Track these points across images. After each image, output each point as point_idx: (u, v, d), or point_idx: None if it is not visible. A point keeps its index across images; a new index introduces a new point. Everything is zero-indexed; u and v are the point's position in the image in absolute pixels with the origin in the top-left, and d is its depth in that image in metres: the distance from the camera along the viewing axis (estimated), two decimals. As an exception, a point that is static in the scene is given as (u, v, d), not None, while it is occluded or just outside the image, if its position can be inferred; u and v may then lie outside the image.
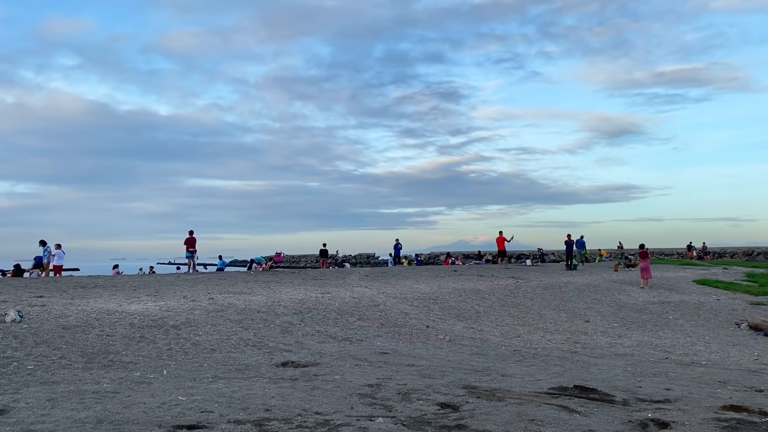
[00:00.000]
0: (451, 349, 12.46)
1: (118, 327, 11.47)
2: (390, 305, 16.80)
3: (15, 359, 9.08)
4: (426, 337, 13.71)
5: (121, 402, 6.66)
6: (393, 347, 12.23)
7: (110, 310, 12.94)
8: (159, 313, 13.04)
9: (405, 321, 15.11)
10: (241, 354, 10.67)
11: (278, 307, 14.90)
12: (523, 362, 11.09)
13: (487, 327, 15.60)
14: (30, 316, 11.60)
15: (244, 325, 12.84)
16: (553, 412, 6.30)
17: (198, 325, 12.35)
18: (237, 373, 9.00)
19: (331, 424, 5.73)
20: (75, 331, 10.92)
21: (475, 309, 17.63)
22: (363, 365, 9.85)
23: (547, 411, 6.35)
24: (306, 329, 13.17)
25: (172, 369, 9.19)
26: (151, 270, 34.50)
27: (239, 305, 14.72)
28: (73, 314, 12.18)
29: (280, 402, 6.69)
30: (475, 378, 8.63)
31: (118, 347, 10.28)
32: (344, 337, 12.87)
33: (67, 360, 9.32)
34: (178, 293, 16.20)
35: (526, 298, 20.20)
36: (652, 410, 6.52)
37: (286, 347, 11.45)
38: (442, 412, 6.42)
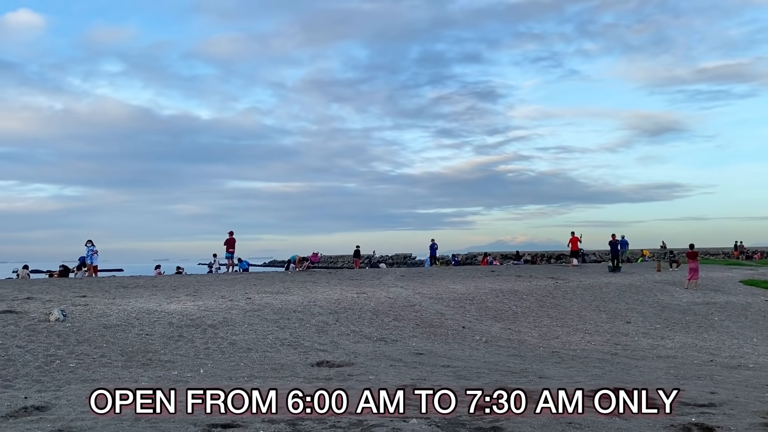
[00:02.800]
0: (488, 351, 12.31)
1: (157, 326, 11.65)
2: (426, 306, 16.71)
3: (58, 357, 9.30)
4: (462, 338, 13.58)
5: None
6: (428, 348, 12.14)
7: (150, 309, 13.17)
8: (197, 312, 13.21)
9: (441, 321, 14.99)
10: (276, 353, 10.73)
11: (314, 307, 14.96)
12: (562, 364, 10.88)
13: (525, 328, 15.37)
14: (73, 316, 11.88)
15: (281, 324, 12.91)
16: (592, 415, 6.14)
17: (235, 324, 12.47)
18: (272, 372, 9.04)
19: (365, 425, 5.69)
20: (116, 330, 11.14)
21: (513, 310, 17.40)
22: (398, 366, 9.79)
23: (585, 414, 6.19)
24: (341, 329, 13.18)
25: (208, 368, 9.29)
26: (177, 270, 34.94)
27: (276, 305, 14.82)
28: (115, 314, 12.44)
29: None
30: (511, 380, 8.49)
31: (157, 346, 10.44)
32: (379, 338, 12.83)
33: (108, 358, 9.50)
34: (216, 293, 16.40)
35: (565, 299, 19.86)
36: (695, 414, 6.30)
37: (321, 347, 11.47)
38: (477, 414, 6.31)
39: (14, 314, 11.69)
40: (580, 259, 35.41)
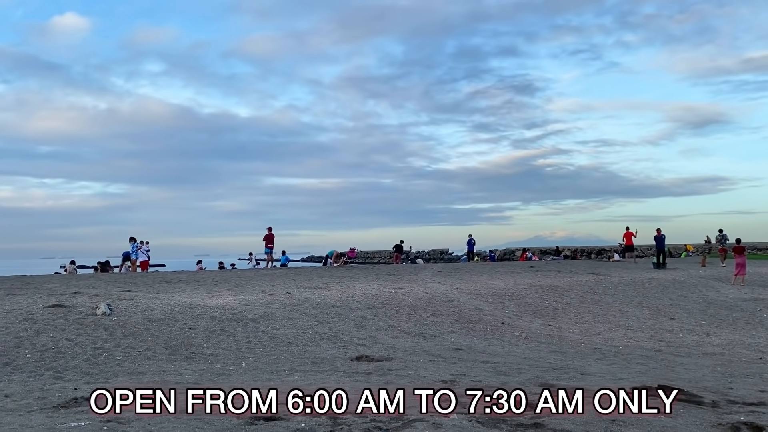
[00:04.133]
0: (528, 347, 12.19)
1: (200, 320, 11.88)
2: (464, 301, 16.64)
3: (105, 350, 9.56)
4: (501, 333, 13.48)
5: (202, 392, 6.87)
6: (467, 343, 12.09)
7: (193, 304, 13.43)
8: (238, 306, 13.42)
9: (479, 317, 14.91)
10: (316, 347, 10.83)
11: (352, 302, 15.04)
12: (604, 360, 10.71)
13: (566, 324, 15.17)
14: (119, 310, 12.19)
15: (320, 319, 13.02)
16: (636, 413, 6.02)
17: (275, 318, 12.62)
18: (312, 366, 9.13)
19: (405, 419, 5.70)
20: (160, 324, 11.39)
21: (553, 306, 17.19)
22: (437, 361, 9.78)
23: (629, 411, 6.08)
24: (379, 324, 13.22)
25: (250, 361, 9.43)
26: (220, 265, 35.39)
27: (315, 300, 14.95)
28: (158, 308, 12.71)
29: (354, 396, 6.72)
30: (552, 376, 8.39)
31: (200, 340, 10.64)
32: (417, 333, 12.83)
33: (153, 351, 9.73)
34: (257, 288, 16.62)
35: (606, 295, 19.53)
36: (744, 413, 6.13)
37: (360, 341, 11.53)
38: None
39: (63, 308, 12.05)
40: (633, 254, 34.80)
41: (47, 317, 11.17)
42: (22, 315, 11.22)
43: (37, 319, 10.96)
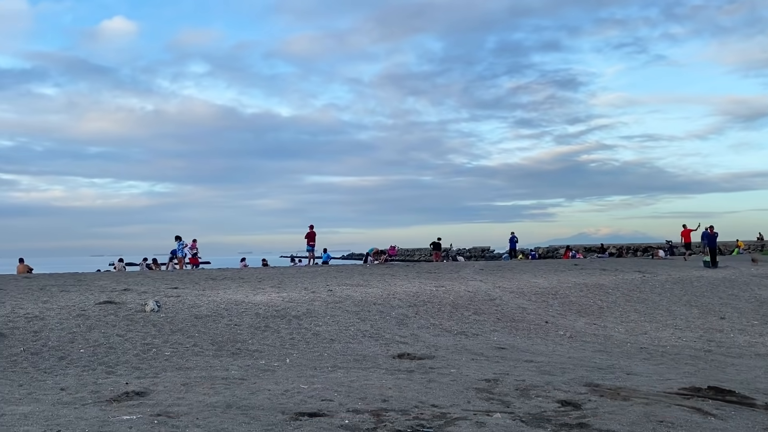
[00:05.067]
0: (572, 346, 12.02)
1: (245, 317, 12.09)
2: (506, 300, 16.50)
3: (154, 346, 9.82)
4: (545, 332, 13.33)
5: (248, 388, 7.01)
6: (510, 342, 11.99)
7: (238, 300, 13.67)
8: (282, 304, 13.60)
9: (522, 316, 14.77)
10: (358, 345, 10.90)
11: (393, 300, 15.08)
12: (651, 360, 10.50)
13: (611, 323, 14.91)
14: (166, 306, 12.49)
15: (361, 316, 13.10)
16: (685, 414, 5.90)
17: (318, 315, 12.76)
18: (355, 363, 9.20)
19: (448, 418, 5.71)
20: (206, 320, 11.64)
21: (598, 304, 16.91)
22: (479, 360, 9.74)
23: (677, 412, 5.96)
24: (421, 322, 13.22)
25: (294, 358, 9.56)
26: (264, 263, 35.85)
27: (356, 297, 15.04)
28: (205, 304, 12.99)
29: (397, 393, 6.76)
30: (597, 376, 8.27)
31: (245, 336, 10.83)
32: (459, 331, 12.79)
33: (199, 347, 9.95)
34: (299, 285, 16.82)
35: (653, 293, 19.10)
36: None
37: (401, 339, 11.56)
38: (563, 409, 6.20)
39: (113, 305, 12.42)
40: (690, 252, 33.93)
41: (99, 313, 11.54)
42: (75, 311, 11.61)
43: (90, 316, 11.33)
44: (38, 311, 11.33)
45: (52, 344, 9.44)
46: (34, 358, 8.74)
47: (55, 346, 9.39)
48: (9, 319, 10.55)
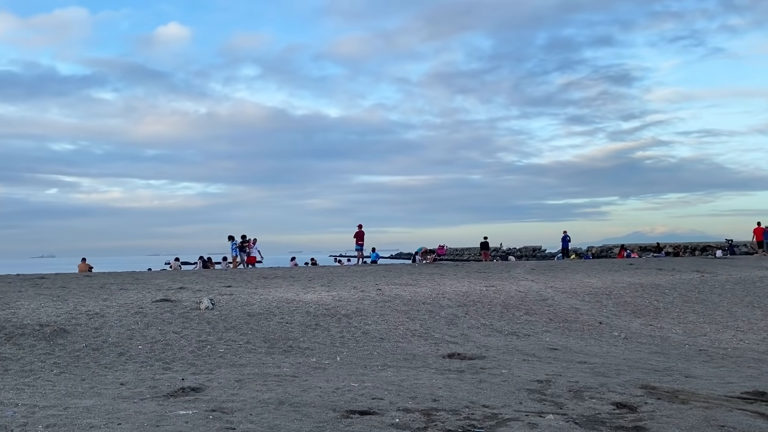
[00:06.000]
0: (627, 347, 11.73)
1: (295, 315, 12.24)
2: (559, 300, 16.22)
3: (208, 343, 10.05)
4: (599, 333, 13.05)
5: (300, 385, 7.10)
6: (563, 343, 11.78)
7: (289, 299, 13.86)
8: (332, 302, 13.72)
9: (575, 316, 14.49)
10: (408, 344, 10.90)
11: (443, 299, 15.01)
12: (710, 363, 10.14)
13: (668, 324, 14.47)
14: (220, 304, 12.77)
15: (411, 316, 13.09)
16: (748, 419, 5.68)
17: (367, 314, 12.81)
18: (405, 362, 9.20)
19: (500, 418, 5.65)
20: (258, 318, 11.84)
21: (654, 305, 16.44)
22: (531, 360, 9.60)
23: (739, 417, 5.74)
24: (471, 322, 13.13)
25: (344, 356, 9.63)
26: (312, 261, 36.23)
27: (405, 296, 15.04)
28: (257, 303, 13.21)
29: (447, 393, 6.73)
30: (654, 378, 8.04)
31: (296, 334, 10.97)
32: (510, 331, 12.64)
33: (252, 345, 10.12)
34: (349, 284, 16.93)
35: (713, 294, 18.44)
36: None
37: (451, 339, 11.50)
38: (618, 412, 6.06)
39: (170, 303, 12.76)
40: (763, 251, 32.71)
41: (155, 311, 11.88)
42: (134, 309, 11.98)
43: (147, 313, 11.67)
44: (99, 309, 11.75)
45: (112, 340, 9.77)
46: (96, 354, 9.06)
47: (115, 342, 9.71)
48: (72, 316, 10.96)
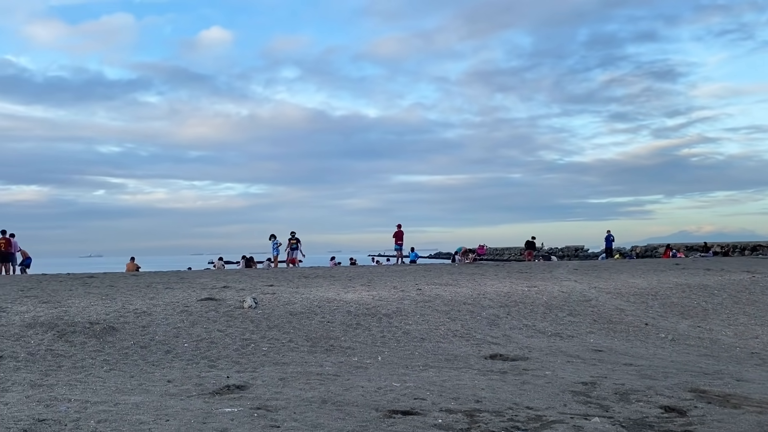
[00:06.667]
0: (675, 349, 11.45)
1: (337, 314, 12.32)
2: (603, 300, 15.93)
3: (252, 341, 10.19)
4: (645, 335, 12.77)
5: (342, 384, 7.14)
6: (607, 345, 11.57)
7: (330, 298, 13.96)
8: (372, 302, 13.76)
9: (620, 317, 14.21)
10: (449, 344, 10.86)
11: (484, 300, 14.90)
12: (763, 366, 9.82)
13: (717, 326, 14.07)
14: (263, 303, 12.94)
15: (451, 316, 13.04)
16: (805, 426, 5.48)
17: (408, 314, 12.81)
18: (446, 363, 9.16)
19: (544, 420, 5.58)
20: (300, 317, 11.96)
21: (702, 306, 16.00)
22: (575, 362, 9.46)
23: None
24: (513, 323, 13.00)
25: (385, 356, 9.65)
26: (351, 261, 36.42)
27: (446, 296, 14.99)
28: (299, 302, 13.35)
29: (490, 394, 6.68)
30: (703, 381, 7.83)
31: (338, 333, 11.04)
32: (554, 333, 12.47)
33: (295, 343, 10.23)
34: (389, 284, 16.95)
35: (764, 295, 17.85)
36: None
37: (493, 340, 11.41)
38: (666, 416, 5.92)
39: (214, 301, 12.99)
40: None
41: (200, 310, 12.10)
42: (179, 307, 12.23)
43: (192, 311, 11.90)
44: (146, 307, 12.03)
45: (159, 338, 10.00)
46: (143, 352, 9.28)
47: (162, 340, 9.93)
48: (120, 315, 11.26)
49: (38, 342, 9.22)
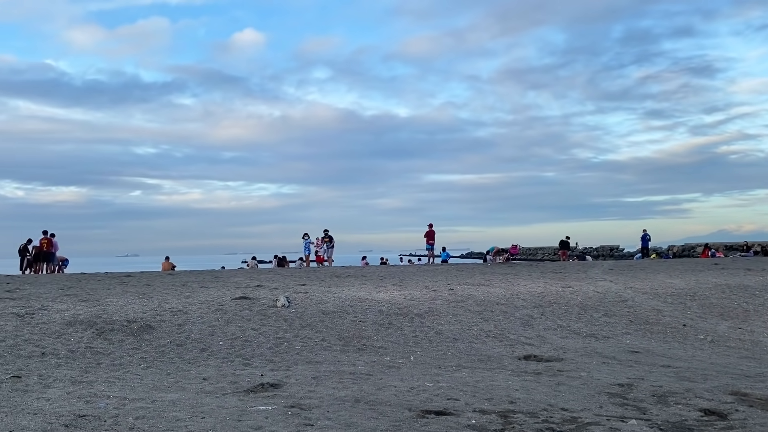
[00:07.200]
0: (714, 351, 11.19)
1: (368, 313, 12.34)
2: (639, 301, 15.65)
3: (285, 340, 10.27)
4: (683, 336, 12.50)
5: (375, 384, 7.15)
6: (644, 346, 11.36)
7: (361, 297, 13.99)
8: (404, 301, 13.75)
9: (657, 318, 13.94)
10: (482, 345, 10.79)
11: (517, 300, 14.77)
12: (808, 370, 9.53)
13: (759, 327, 13.70)
14: (296, 302, 13.03)
15: (484, 316, 12.95)
16: None
17: (440, 314, 12.76)
18: (480, 363, 9.11)
19: (579, 422, 5.51)
20: (333, 316, 12.01)
21: (743, 307, 15.60)
22: (611, 363, 9.31)
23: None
24: (547, 323, 12.85)
25: (418, 355, 9.63)
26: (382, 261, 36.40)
27: (478, 296, 14.89)
28: (331, 301, 13.40)
29: (524, 395, 6.62)
30: (745, 384, 7.63)
31: (370, 332, 11.06)
32: (589, 333, 12.30)
33: (327, 342, 10.28)
34: (420, 283, 16.92)
35: (808, 296, 17.33)
36: None
37: (527, 340, 11.30)
38: (706, 419, 5.79)
39: (248, 300, 13.13)
40: None
41: (235, 308, 12.24)
42: (214, 306, 12.39)
43: (227, 310, 12.05)
44: (181, 306, 12.22)
45: (194, 336, 10.15)
46: (179, 350, 9.43)
47: (197, 338, 10.07)
48: (156, 313, 11.45)
49: (78, 339, 9.43)
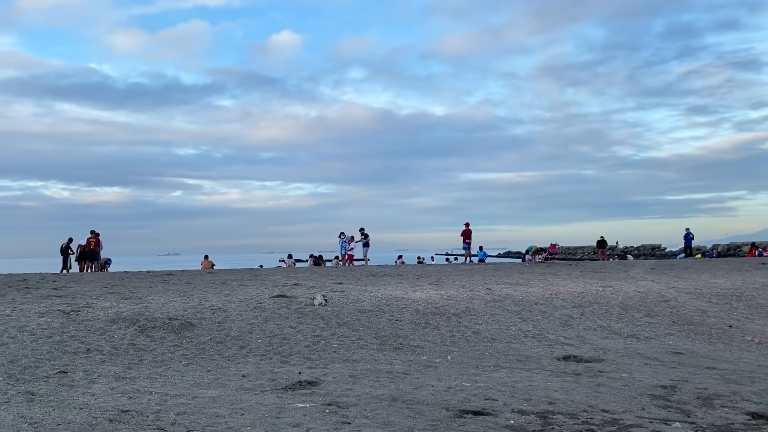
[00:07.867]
0: (762, 353, 10.84)
1: (405, 313, 12.33)
2: (682, 301, 15.27)
3: (322, 338, 10.33)
4: (729, 337, 12.15)
5: (412, 383, 7.13)
6: (688, 347, 11.09)
7: (398, 296, 13.98)
8: (441, 301, 13.69)
9: (701, 319, 13.58)
10: (521, 345, 10.67)
11: (556, 300, 14.56)
12: None
13: (809, 329, 13.23)
14: (333, 301, 13.10)
15: (523, 316, 12.81)
16: None
17: (477, 314, 12.67)
18: (518, 363, 9.01)
19: (620, 424, 5.40)
20: (369, 315, 12.03)
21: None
22: (653, 364, 9.10)
23: None
24: (587, 323, 12.64)
25: (455, 355, 9.58)
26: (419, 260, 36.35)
27: (516, 296, 14.74)
28: (367, 300, 13.43)
29: (563, 396, 6.52)
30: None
31: (406, 331, 11.04)
32: (630, 334, 12.05)
33: (364, 341, 10.30)
34: (457, 283, 16.83)
35: None
36: None
37: (566, 341, 11.13)
38: (754, 423, 5.61)
39: (286, 299, 13.26)
40: None
41: (273, 306, 12.37)
42: (253, 304, 12.55)
43: (265, 308, 12.19)
44: (221, 303, 12.41)
45: (233, 334, 10.29)
46: (219, 347, 9.57)
47: (237, 336, 10.21)
48: (197, 311, 11.65)
49: (121, 336, 9.65)
